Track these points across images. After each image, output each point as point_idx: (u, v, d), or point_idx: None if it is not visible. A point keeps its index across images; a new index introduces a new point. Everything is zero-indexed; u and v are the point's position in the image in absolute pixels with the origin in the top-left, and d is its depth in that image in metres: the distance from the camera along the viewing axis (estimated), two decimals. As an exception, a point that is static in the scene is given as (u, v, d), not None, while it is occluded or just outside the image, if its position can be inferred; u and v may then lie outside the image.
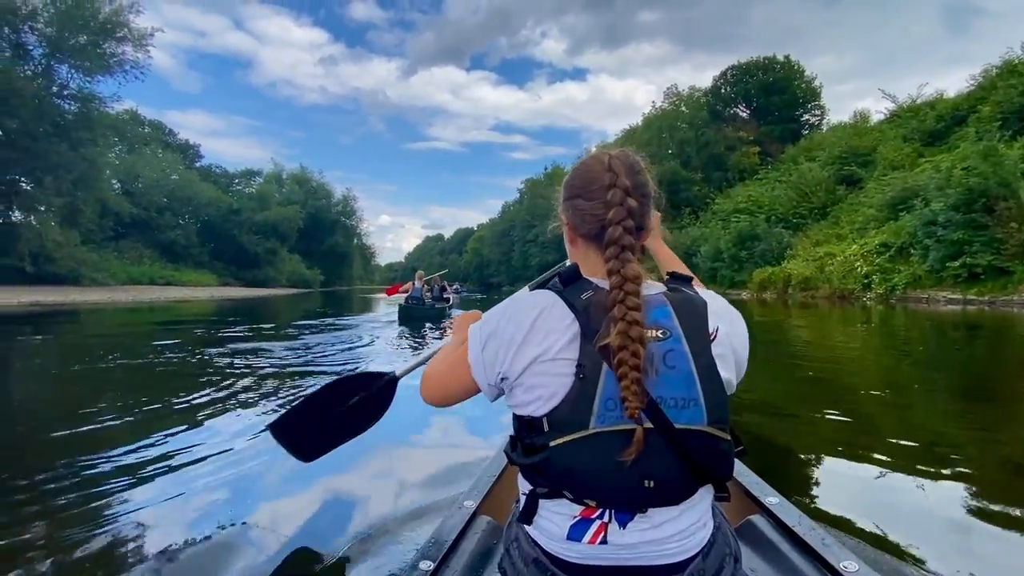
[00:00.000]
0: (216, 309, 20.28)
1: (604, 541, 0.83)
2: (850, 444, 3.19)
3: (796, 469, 2.91)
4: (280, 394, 4.43)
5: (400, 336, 9.68)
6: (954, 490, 2.48)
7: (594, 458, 0.79)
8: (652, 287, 0.88)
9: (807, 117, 47.16)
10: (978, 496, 2.40)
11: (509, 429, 0.93)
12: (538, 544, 0.89)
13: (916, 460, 2.83)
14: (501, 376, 0.88)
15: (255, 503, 2.31)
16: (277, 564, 1.85)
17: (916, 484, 2.51)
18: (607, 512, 0.83)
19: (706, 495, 0.88)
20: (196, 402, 4.17)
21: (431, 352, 1.50)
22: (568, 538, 0.84)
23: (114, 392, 5.03)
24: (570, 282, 0.87)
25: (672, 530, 0.84)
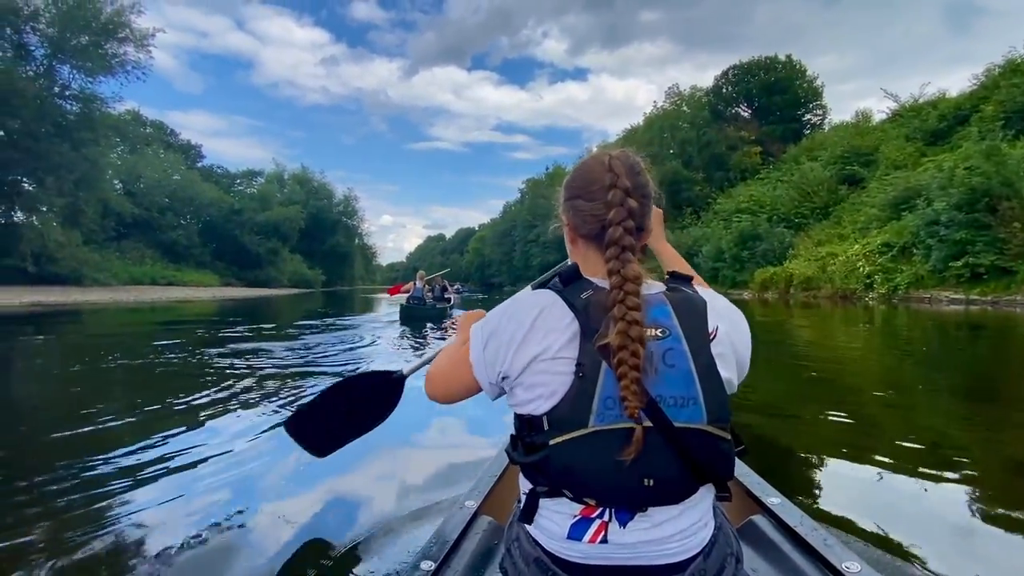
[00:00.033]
0: (218, 309, 20.31)
1: (604, 540, 0.83)
2: (852, 444, 3.18)
3: (798, 469, 2.90)
4: (282, 395, 4.43)
5: (402, 336, 9.68)
6: (957, 491, 2.47)
7: (593, 456, 0.79)
8: (652, 287, 0.88)
9: (809, 117, 47.18)
10: (981, 497, 2.40)
11: (510, 429, 0.93)
12: (539, 544, 0.89)
13: (919, 461, 2.82)
14: (502, 375, 0.88)
15: (256, 504, 2.31)
16: (279, 564, 1.85)
17: (919, 485, 2.50)
18: (607, 511, 0.83)
19: (707, 495, 0.88)
20: (198, 402, 4.17)
21: (436, 351, 1.51)
22: (568, 537, 0.84)
23: (116, 392, 5.04)
24: (570, 281, 0.88)
25: (673, 529, 0.84)
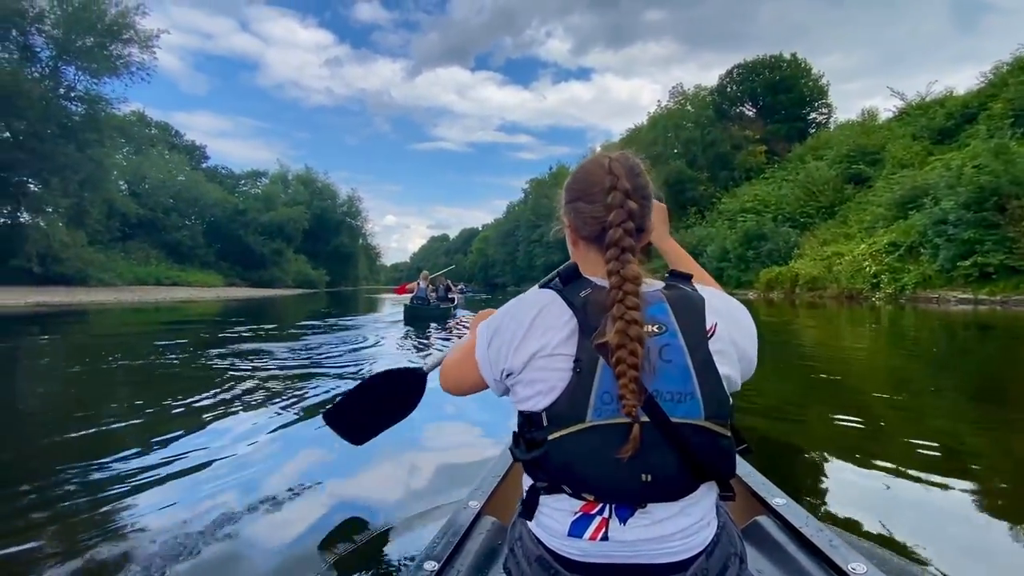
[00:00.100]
0: (222, 309, 20.40)
1: (605, 537, 0.84)
2: (858, 446, 3.16)
3: (803, 470, 2.88)
4: (286, 396, 4.42)
5: (405, 336, 9.70)
6: (964, 493, 2.45)
7: (591, 451, 0.80)
8: (649, 285, 0.89)
9: (814, 116, 46.91)
10: (988, 499, 2.38)
11: (514, 430, 0.93)
12: (541, 542, 0.89)
13: (925, 462, 2.80)
14: (505, 372, 0.90)
15: (261, 505, 2.31)
16: (283, 565, 1.85)
17: (925, 486, 2.48)
18: (607, 507, 0.84)
19: (709, 493, 0.88)
20: (202, 404, 4.18)
21: (453, 348, 1.55)
22: (570, 534, 0.85)
23: (120, 393, 5.07)
24: (569, 280, 0.90)
25: (674, 528, 0.84)
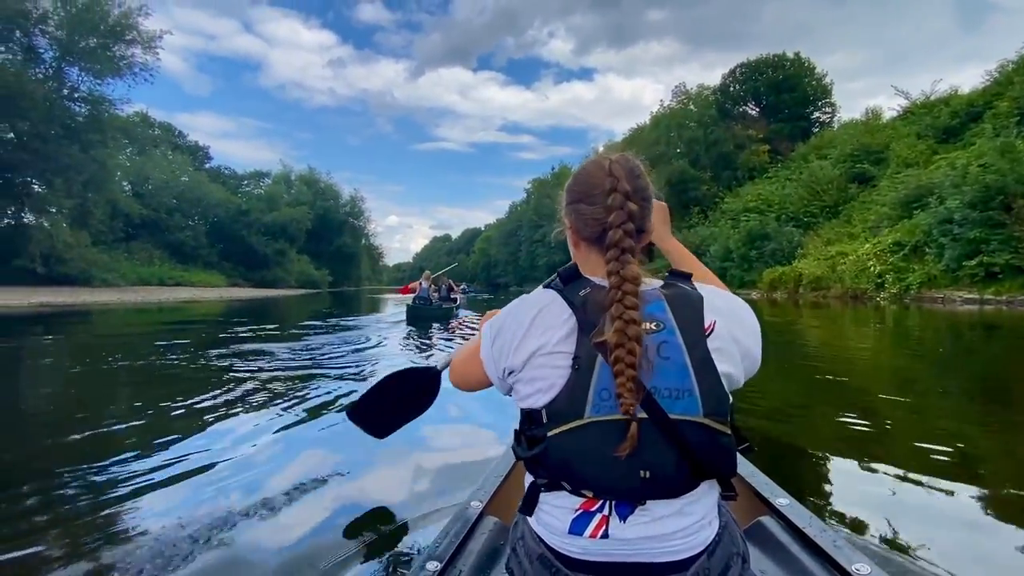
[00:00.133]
0: (225, 310, 20.46)
1: (606, 535, 0.84)
2: (863, 446, 3.14)
3: (807, 470, 2.87)
4: (288, 397, 4.41)
5: (408, 336, 9.71)
6: (969, 493, 2.43)
7: (590, 447, 0.81)
8: (648, 284, 0.90)
9: (818, 115, 46.77)
10: (993, 499, 2.36)
11: (516, 428, 0.93)
12: (543, 540, 0.90)
13: (930, 462, 2.79)
14: (507, 371, 0.92)
15: (263, 505, 2.31)
16: (286, 565, 1.84)
17: (929, 486, 2.46)
18: (607, 504, 0.84)
19: (710, 492, 0.87)
20: (204, 404, 4.18)
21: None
22: (570, 532, 0.85)
23: (123, 393, 5.08)
24: (569, 280, 0.92)
25: (675, 526, 0.84)
